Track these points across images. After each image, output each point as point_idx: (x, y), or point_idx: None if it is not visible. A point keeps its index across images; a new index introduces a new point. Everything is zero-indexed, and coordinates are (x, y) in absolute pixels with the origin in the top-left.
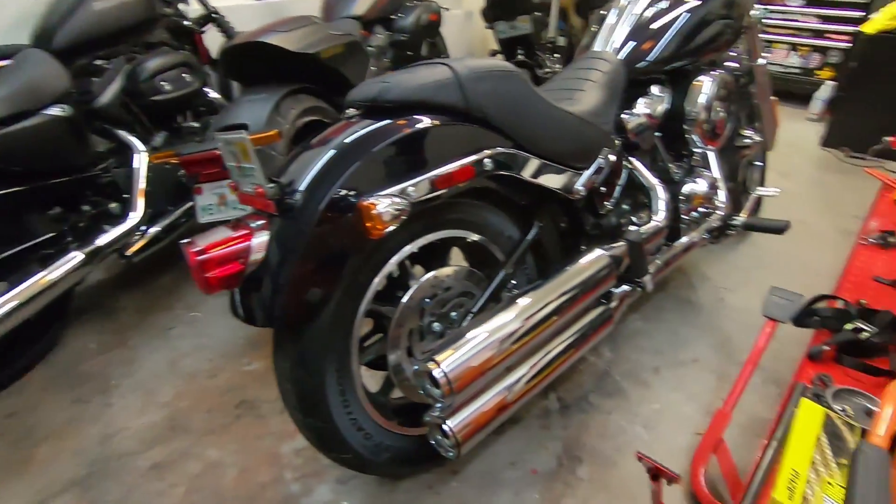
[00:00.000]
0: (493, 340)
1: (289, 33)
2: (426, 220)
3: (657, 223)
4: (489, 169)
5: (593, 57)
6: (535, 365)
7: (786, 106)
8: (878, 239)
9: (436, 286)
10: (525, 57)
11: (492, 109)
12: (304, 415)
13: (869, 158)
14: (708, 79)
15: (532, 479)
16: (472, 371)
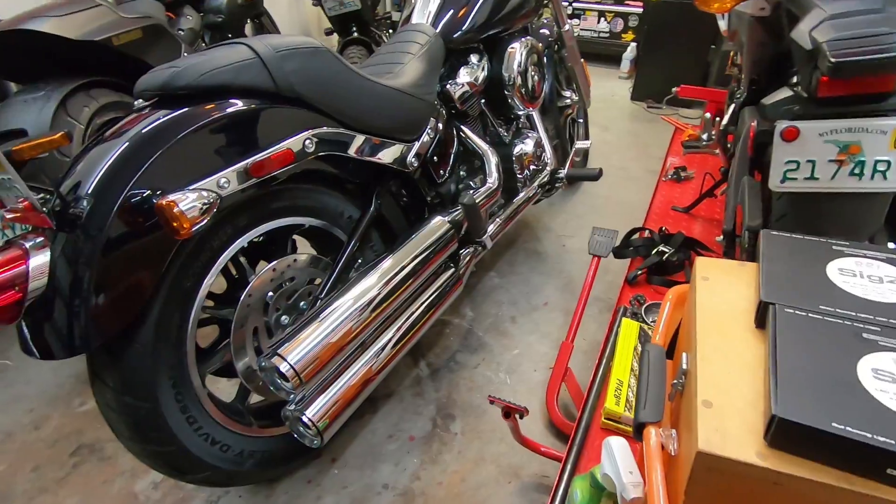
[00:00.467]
0: (339, 322)
1: (64, 18)
2: (254, 212)
3: (490, 185)
4: (312, 150)
5: (411, 30)
6: (390, 337)
7: (602, 67)
8: (673, 175)
9: (277, 278)
10: (360, 34)
11: (304, 88)
12: (142, 443)
13: (665, 107)
14: (519, 45)
15: (411, 445)
16: (319, 357)
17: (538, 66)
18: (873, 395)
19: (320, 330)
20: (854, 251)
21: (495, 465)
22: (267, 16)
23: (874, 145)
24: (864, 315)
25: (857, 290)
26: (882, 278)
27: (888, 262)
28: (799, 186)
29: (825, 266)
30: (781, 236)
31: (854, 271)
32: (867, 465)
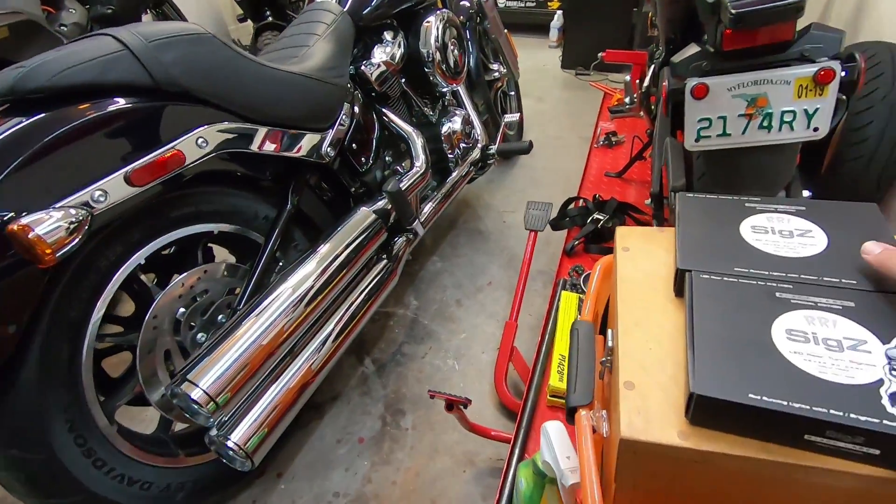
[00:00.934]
0: (257, 333)
1: None
2: (149, 224)
3: (417, 168)
4: (208, 150)
5: (316, 9)
6: (322, 341)
7: (531, 37)
8: (605, 141)
9: (187, 294)
10: (275, 18)
11: (189, 80)
12: (43, 498)
13: (594, 73)
14: (435, 19)
15: (361, 448)
16: (237, 375)
17: (458, 40)
18: (787, 359)
19: (236, 345)
20: (765, 207)
21: (449, 456)
22: (170, 4)
23: (780, 96)
24: (776, 273)
25: (770, 247)
26: (793, 232)
27: (798, 216)
28: (713, 144)
29: (738, 226)
30: (696, 198)
31: (766, 227)
32: (786, 433)
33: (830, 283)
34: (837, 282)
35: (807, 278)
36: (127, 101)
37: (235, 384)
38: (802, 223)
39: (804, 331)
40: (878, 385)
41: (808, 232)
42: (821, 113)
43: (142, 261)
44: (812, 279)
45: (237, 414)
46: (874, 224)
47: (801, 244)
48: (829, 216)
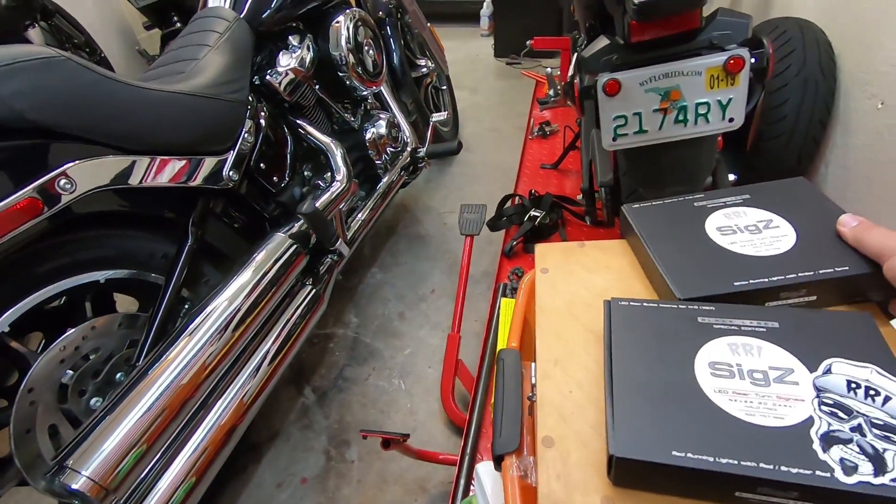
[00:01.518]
0: (159, 389)
1: None
2: (9, 285)
3: (338, 183)
4: (74, 191)
5: (206, 16)
6: (246, 381)
7: (463, 27)
8: (539, 132)
9: (72, 356)
10: (183, 24)
11: (40, 114)
12: None
13: (526, 60)
14: (344, 18)
15: (304, 489)
16: (135, 445)
17: (374, 39)
18: (712, 400)
19: (132, 410)
20: (715, 203)
21: (399, 485)
22: (62, 17)
23: (692, 88)
24: (776, 278)
25: (749, 248)
26: (758, 226)
27: (750, 206)
28: (631, 142)
29: (704, 230)
30: (644, 208)
31: (731, 226)
32: (716, 491)
33: (826, 275)
34: (832, 272)
35: (804, 276)
36: None
37: (136, 453)
38: (760, 213)
39: (728, 362)
40: (809, 425)
41: (770, 222)
42: (734, 103)
43: (5, 328)
44: (808, 275)
45: (144, 485)
46: (813, 197)
47: (774, 237)
48: (775, 200)
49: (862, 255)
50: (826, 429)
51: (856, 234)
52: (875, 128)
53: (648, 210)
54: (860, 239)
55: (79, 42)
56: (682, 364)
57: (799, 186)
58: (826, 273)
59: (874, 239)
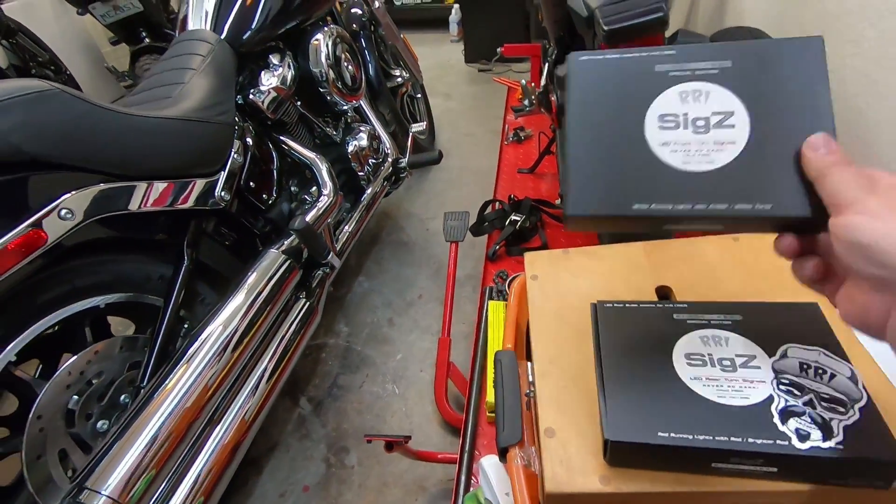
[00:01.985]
0: (170, 408)
1: None
2: (8, 318)
3: (325, 197)
4: (75, 220)
5: (188, 39)
6: (249, 395)
7: (433, 33)
8: (514, 137)
9: (77, 381)
10: (153, 40)
11: (37, 146)
12: None
13: (496, 66)
14: (323, 36)
15: (306, 497)
16: (150, 464)
17: (351, 54)
18: (689, 387)
19: (145, 430)
20: (681, 69)
21: (400, 487)
22: (25, 34)
23: None
24: (681, 206)
25: (679, 157)
26: (709, 120)
27: (719, 83)
28: None
29: (644, 114)
30: (592, 60)
31: (677, 115)
32: (696, 464)
33: (742, 213)
34: (750, 208)
35: (715, 208)
36: None
37: (149, 475)
38: (724, 98)
39: (701, 353)
40: (769, 403)
41: (729, 116)
42: None
43: (12, 357)
44: (721, 209)
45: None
46: (810, 90)
47: (718, 143)
48: (759, 77)
49: (813, 192)
50: (783, 405)
51: (819, 167)
52: None
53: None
54: (822, 175)
55: (43, 60)
56: (662, 356)
57: (806, 58)
58: (742, 210)
59: (838, 180)
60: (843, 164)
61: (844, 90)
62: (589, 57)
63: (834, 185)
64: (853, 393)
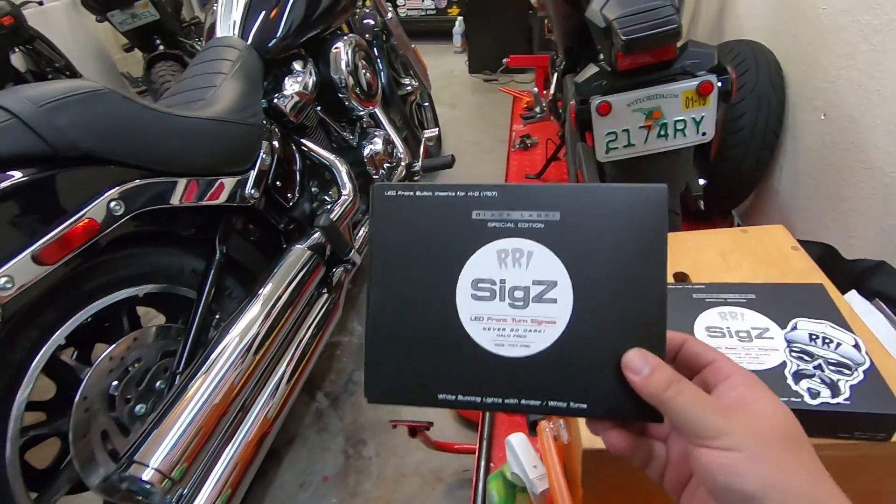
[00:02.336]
0: (206, 396)
1: None
2: (61, 302)
3: (345, 197)
4: (122, 212)
5: (218, 45)
6: (276, 386)
7: (435, 44)
8: (520, 144)
9: (118, 366)
10: (167, 47)
11: (90, 142)
12: None
13: (500, 77)
14: (343, 44)
15: (326, 487)
16: (191, 443)
17: (368, 62)
18: None
19: (185, 413)
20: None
21: (417, 476)
22: (42, 41)
23: (671, 108)
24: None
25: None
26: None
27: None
28: (621, 154)
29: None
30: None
31: (721, 328)
32: None
33: (557, 410)
34: (565, 406)
35: (529, 404)
36: (23, 173)
37: (190, 453)
38: (547, 261)
39: (719, 326)
40: (783, 367)
41: (550, 287)
42: (706, 119)
43: (62, 341)
44: (534, 405)
45: (195, 483)
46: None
47: (535, 322)
48: (584, 233)
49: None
50: (795, 368)
51: (653, 393)
52: (819, 136)
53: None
54: (661, 402)
55: (59, 66)
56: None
57: (646, 216)
58: (557, 408)
59: (683, 411)
60: (676, 384)
61: (840, 100)
62: (397, 193)
63: (682, 417)
64: (857, 358)
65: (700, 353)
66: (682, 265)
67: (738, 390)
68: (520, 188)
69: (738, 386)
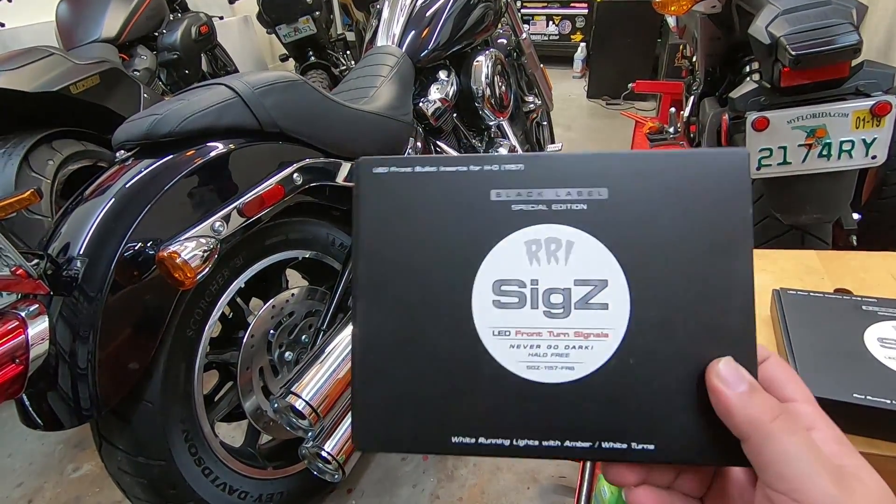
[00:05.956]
0: (348, 352)
1: (17, 71)
2: (247, 251)
3: None
4: (300, 183)
5: (378, 52)
6: None
7: (555, 68)
8: None
9: (277, 315)
10: (317, 58)
11: (285, 122)
12: (163, 502)
13: (623, 102)
14: (485, 58)
15: (425, 465)
16: (335, 389)
17: (504, 76)
18: (884, 363)
19: (330, 362)
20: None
21: (512, 473)
22: (220, 48)
23: (838, 127)
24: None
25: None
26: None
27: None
28: (774, 172)
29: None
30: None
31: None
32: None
33: (612, 455)
34: (625, 448)
35: (575, 446)
36: (236, 142)
37: (333, 396)
38: (594, 253)
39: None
40: None
41: (600, 288)
42: (879, 142)
43: (242, 284)
44: (582, 447)
45: (329, 427)
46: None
47: (581, 335)
48: (644, 213)
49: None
50: None
51: (732, 404)
52: None
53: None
54: (734, 410)
55: (230, 70)
56: (853, 339)
57: (726, 189)
58: (613, 451)
59: (750, 412)
60: (787, 415)
61: None
62: (390, 169)
63: (785, 464)
64: None
65: (783, 382)
66: (845, 282)
67: (829, 447)
68: (553, 158)
69: (829, 443)
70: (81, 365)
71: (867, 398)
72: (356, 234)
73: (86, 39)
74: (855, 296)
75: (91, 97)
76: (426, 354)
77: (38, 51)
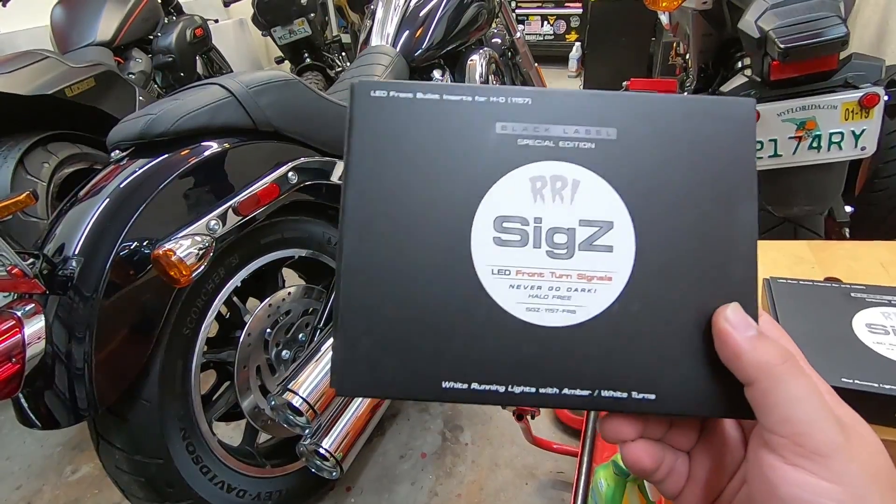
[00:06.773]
0: None
1: (12, 74)
2: (243, 250)
3: None
4: (295, 182)
5: (372, 52)
6: None
7: (551, 68)
8: None
9: (273, 314)
10: (313, 59)
11: (280, 121)
12: (157, 501)
13: None
14: (479, 57)
15: (424, 462)
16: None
17: (498, 76)
18: (871, 348)
19: (328, 359)
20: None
21: (510, 469)
22: (216, 51)
23: (827, 119)
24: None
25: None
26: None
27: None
28: (766, 164)
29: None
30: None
31: (885, 326)
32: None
33: (611, 403)
34: (625, 397)
35: (573, 394)
36: (231, 141)
37: (329, 393)
38: (600, 193)
39: (882, 324)
40: None
41: (605, 229)
42: (868, 133)
43: (238, 283)
44: (581, 395)
45: (326, 424)
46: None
47: (584, 277)
48: (653, 155)
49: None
50: None
51: (739, 348)
52: None
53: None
54: (736, 350)
55: (225, 73)
56: (842, 323)
57: (730, 134)
58: (612, 400)
59: (759, 355)
60: (794, 359)
61: None
62: (388, 93)
63: (791, 409)
64: None
65: (775, 339)
66: (834, 271)
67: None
68: (563, 94)
69: (826, 394)
70: (78, 364)
71: (855, 382)
72: (347, 162)
73: (81, 43)
74: (844, 283)
75: (86, 100)
76: (418, 291)
77: (33, 54)
